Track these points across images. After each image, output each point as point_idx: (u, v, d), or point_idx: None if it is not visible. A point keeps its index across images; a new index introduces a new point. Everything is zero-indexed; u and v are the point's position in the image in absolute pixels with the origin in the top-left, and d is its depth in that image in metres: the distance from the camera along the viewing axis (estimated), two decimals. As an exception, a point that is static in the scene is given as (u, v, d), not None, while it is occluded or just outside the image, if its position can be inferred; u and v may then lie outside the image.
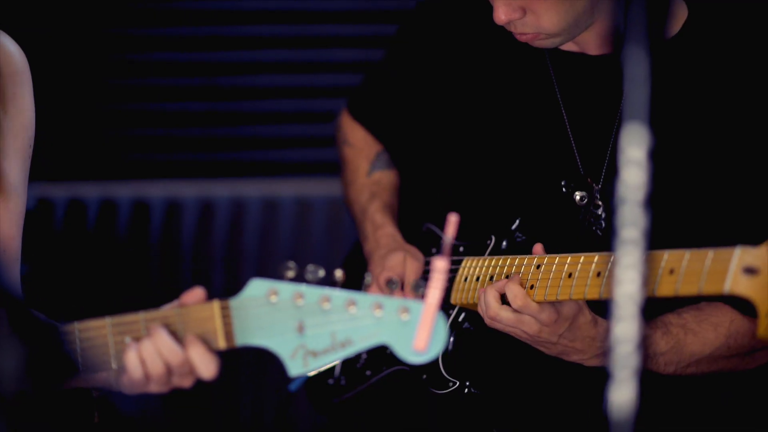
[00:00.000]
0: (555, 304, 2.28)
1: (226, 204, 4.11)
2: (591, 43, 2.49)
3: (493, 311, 2.30)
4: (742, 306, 2.37)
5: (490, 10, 2.42)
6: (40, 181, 4.03)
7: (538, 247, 2.37)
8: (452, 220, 1.77)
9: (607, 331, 2.31)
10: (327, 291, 1.89)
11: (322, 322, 1.89)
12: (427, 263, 2.64)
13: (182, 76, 4.22)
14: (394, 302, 1.86)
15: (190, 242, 4.11)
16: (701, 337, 2.39)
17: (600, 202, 2.50)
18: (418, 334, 1.83)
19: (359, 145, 2.90)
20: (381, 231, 2.71)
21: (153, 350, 1.96)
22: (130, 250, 4.07)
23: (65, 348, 2.00)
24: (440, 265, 1.78)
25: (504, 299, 2.33)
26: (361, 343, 1.87)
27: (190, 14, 4.22)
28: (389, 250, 2.64)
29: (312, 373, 2.77)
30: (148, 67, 4.20)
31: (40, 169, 2.28)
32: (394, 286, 2.00)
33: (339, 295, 1.89)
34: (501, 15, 2.37)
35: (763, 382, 2.68)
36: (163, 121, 4.23)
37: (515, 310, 2.29)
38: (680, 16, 2.48)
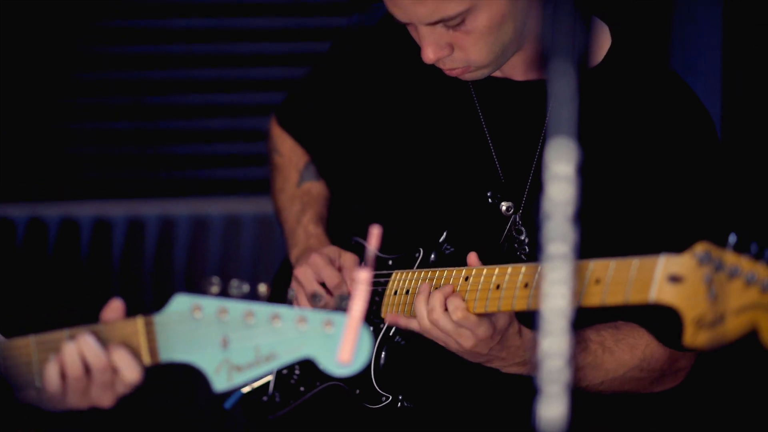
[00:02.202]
0: (491, 318, 2.28)
1: (155, 222, 4.11)
2: (516, 68, 2.50)
3: (437, 314, 2.29)
4: (657, 329, 2.41)
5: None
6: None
7: (472, 257, 2.36)
8: (374, 232, 1.78)
9: (530, 341, 2.35)
10: (251, 305, 1.88)
11: (246, 337, 1.87)
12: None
13: (110, 94, 4.22)
14: (318, 315, 1.85)
15: (119, 260, 4.10)
16: (618, 356, 2.41)
17: (522, 228, 2.52)
18: (342, 346, 1.82)
19: (288, 154, 2.90)
20: (314, 239, 2.72)
21: (74, 351, 1.93)
22: (58, 269, 4.05)
23: None
24: (363, 276, 1.78)
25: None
26: (285, 357, 1.86)
27: (116, 32, 4.21)
28: (323, 245, 2.67)
29: (246, 390, 2.77)
30: (74, 86, 4.19)
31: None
32: (318, 300, 2.00)
33: (263, 309, 1.87)
34: (429, 54, 2.36)
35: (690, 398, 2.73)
36: (90, 141, 4.21)
37: (455, 322, 2.29)
38: (604, 44, 2.50)
